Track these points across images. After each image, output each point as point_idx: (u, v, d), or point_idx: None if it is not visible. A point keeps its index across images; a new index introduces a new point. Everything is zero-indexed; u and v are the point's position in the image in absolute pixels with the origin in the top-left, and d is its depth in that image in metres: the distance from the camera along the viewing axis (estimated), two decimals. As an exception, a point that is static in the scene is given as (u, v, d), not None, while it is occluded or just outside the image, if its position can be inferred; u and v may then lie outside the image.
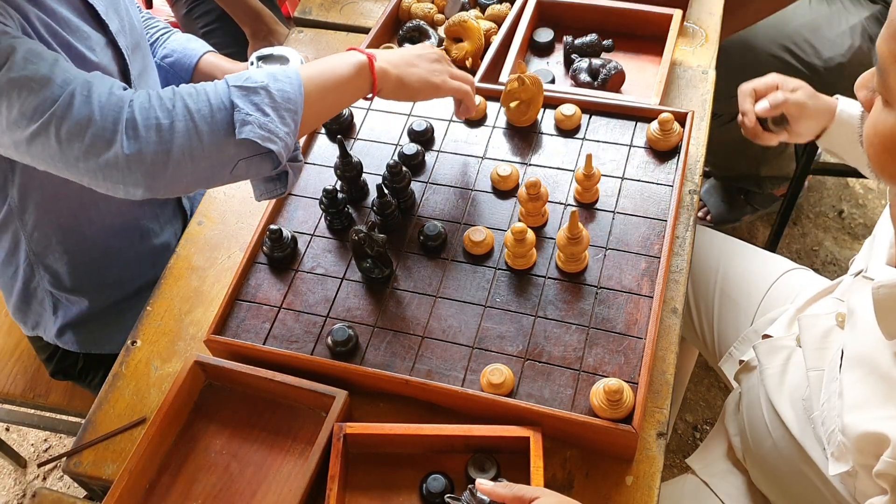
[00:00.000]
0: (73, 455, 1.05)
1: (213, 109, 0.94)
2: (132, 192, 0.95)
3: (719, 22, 1.45)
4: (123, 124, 0.91)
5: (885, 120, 0.73)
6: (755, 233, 2.23)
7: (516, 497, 0.85)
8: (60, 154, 0.93)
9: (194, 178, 0.96)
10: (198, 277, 1.20)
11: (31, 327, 1.38)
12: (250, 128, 0.94)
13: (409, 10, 1.45)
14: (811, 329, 1.03)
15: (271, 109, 0.96)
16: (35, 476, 1.97)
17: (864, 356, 0.86)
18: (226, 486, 0.99)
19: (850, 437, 0.85)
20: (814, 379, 1.00)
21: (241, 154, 0.96)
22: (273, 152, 0.97)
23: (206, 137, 0.94)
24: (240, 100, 0.95)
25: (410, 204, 1.17)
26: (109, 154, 0.91)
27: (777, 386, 1.08)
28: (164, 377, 1.11)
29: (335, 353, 1.04)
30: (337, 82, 1.04)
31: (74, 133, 0.91)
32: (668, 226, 1.10)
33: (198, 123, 0.93)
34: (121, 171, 0.92)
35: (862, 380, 0.85)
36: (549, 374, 1.00)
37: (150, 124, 0.92)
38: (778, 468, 1.09)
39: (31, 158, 0.96)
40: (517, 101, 1.22)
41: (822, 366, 1.00)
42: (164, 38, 1.42)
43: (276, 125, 0.96)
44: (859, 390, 0.85)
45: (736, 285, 1.37)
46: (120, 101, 0.93)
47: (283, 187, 1.03)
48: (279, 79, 0.98)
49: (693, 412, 1.93)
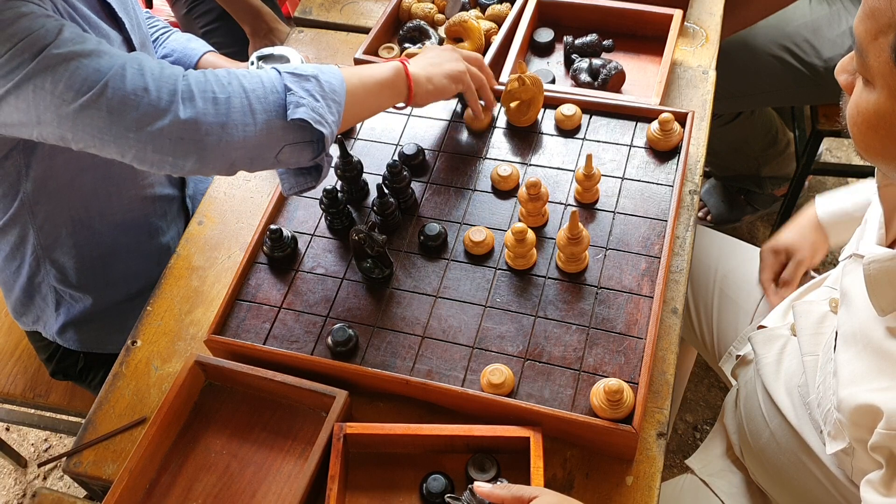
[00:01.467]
0: (74, 455, 1.05)
1: (267, 90, 0.97)
2: (180, 164, 0.95)
3: (720, 22, 1.45)
4: (180, 94, 0.93)
5: (867, 99, 0.74)
6: (755, 233, 2.23)
7: (515, 497, 0.85)
8: (110, 125, 0.93)
9: (243, 155, 0.98)
10: (198, 277, 1.20)
11: (32, 322, 1.38)
12: (304, 109, 0.96)
13: (410, 10, 1.45)
14: (806, 315, 1.05)
15: (321, 97, 0.99)
16: (35, 476, 1.97)
17: (857, 333, 0.87)
18: (226, 486, 0.99)
19: (845, 413, 0.86)
20: (809, 364, 1.01)
21: (288, 138, 0.98)
22: (319, 140, 1.00)
23: (259, 116, 0.96)
24: (293, 84, 0.98)
25: (410, 204, 1.17)
26: (164, 121, 0.92)
27: (773, 374, 1.08)
28: (164, 377, 1.11)
29: (335, 353, 1.04)
30: (376, 84, 1.08)
31: (128, 103, 0.92)
32: (669, 226, 1.10)
33: (252, 102, 0.96)
34: (173, 141, 0.93)
35: (856, 356, 0.86)
36: (550, 374, 1.00)
37: (207, 96, 0.94)
38: (776, 459, 1.10)
39: (74, 133, 0.95)
40: (517, 101, 1.22)
41: (817, 351, 1.01)
42: (163, 37, 1.42)
43: (326, 111, 0.99)
44: (854, 366, 0.86)
45: (735, 285, 1.37)
46: (174, 74, 0.95)
47: (314, 181, 1.05)
48: (325, 71, 1.01)
49: (693, 412, 1.93)
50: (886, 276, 0.81)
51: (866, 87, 0.75)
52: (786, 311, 1.18)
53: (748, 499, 1.20)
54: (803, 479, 1.06)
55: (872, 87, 0.74)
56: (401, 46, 1.40)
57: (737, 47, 1.77)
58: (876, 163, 0.80)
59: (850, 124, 0.78)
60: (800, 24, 1.76)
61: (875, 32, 0.70)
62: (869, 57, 0.72)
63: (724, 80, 1.60)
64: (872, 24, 0.71)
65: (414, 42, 1.40)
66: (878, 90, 0.73)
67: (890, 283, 0.81)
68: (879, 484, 0.82)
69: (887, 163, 0.79)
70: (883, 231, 0.90)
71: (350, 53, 1.42)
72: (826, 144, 2.36)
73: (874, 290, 0.82)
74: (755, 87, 1.81)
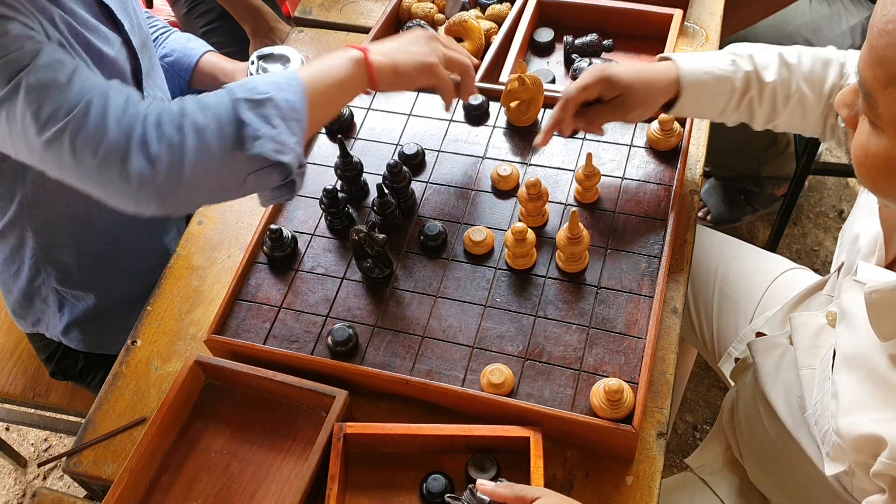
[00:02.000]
0: (74, 455, 1.05)
1: (222, 124, 0.93)
2: (144, 207, 0.94)
3: (719, 22, 1.45)
4: (137, 140, 0.91)
5: (876, 144, 0.73)
6: (755, 233, 2.23)
7: (517, 497, 0.85)
8: (74, 164, 0.92)
9: (206, 194, 0.96)
10: (198, 277, 1.20)
11: (32, 324, 1.38)
12: (261, 142, 0.93)
13: (410, 10, 1.45)
14: (803, 328, 1.04)
15: (280, 120, 0.95)
16: (35, 476, 1.97)
17: (858, 357, 0.86)
18: (226, 486, 0.99)
19: (846, 440, 0.85)
20: (806, 377, 1.00)
21: (251, 167, 0.95)
22: (284, 163, 0.96)
23: (216, 153, 0.93)
24: (247, 113, 0.94)
25: (410, 204, 1.17)
26: (122, 169, 0.91)
27: (772, 384, 1.08)
28: (164, 377, 1.11)
29: (335, 353, 1.04)
30: (337, 83, 1.03)
31: (88, 145, 0.91)
32: (669, 226, 1.10)
33: (208, 139, 0.93)
34: (133, 188, 0.92)
35: (858, 382, 0.85)
36: (550, 374, 1.00)
37: (163, 142, 0.92)
38: (775, 463, 1.09)
39: (44, 165, 0.95)
40: (517, 101, 1.22)
41: (814, 364, 1.00)
42: (163, 37, 1.42)
43: (286, 136, 0.95)
44: (856, 392, 0.85)
45: (735, 285, 1.37)
46: (134, 116, 0.93)
47: (289, 194, 1.02)
48: (283, 88, 0.97)
49: (693, 412, 1.93)
50: (889, 304, 0.80)
51: (874, 131, 0.73)
52: (784, 320, 1.17)
53: (747, 498, 1.20)
54: (802, 482, 1.06)
55: (881, 131, 0.72)
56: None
57: (737, 47, 1.76)
58: (881, 198, 0.79)
59: (857, 164, 0.76)
60: (800, 24, 1.75)
61: (885, 81, 0.68)
62: (878, 105, 0.70)
63: (724, 80, 1.60)
64: (881, 72, 0.68)
65: (414, 42, 1.40)
66: (888, 136, 0.71)
67: (892, 311, 0.80)
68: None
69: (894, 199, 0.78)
70: (883, 252, 0.89)
71: (350, 53, 1.42)
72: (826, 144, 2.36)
73: (876, 318, 0.81)
74: (755, 87, 1.81)
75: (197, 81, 1.42)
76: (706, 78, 1.07)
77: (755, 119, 1.10)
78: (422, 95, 1.30)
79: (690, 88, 1.07)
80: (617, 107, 1.09)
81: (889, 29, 0.67)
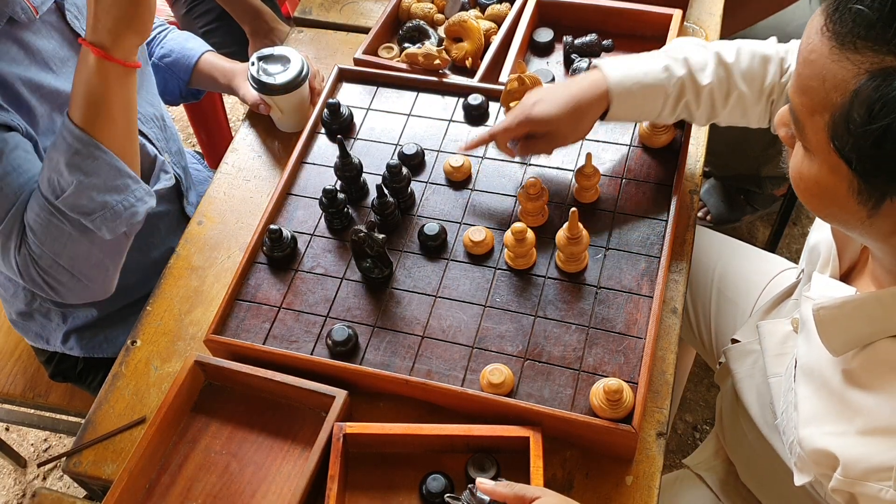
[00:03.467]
0: (73, 455, 1.05)
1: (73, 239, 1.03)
2: None
3: (719, 22, 1.45)
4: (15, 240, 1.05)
5: (808, 167, 0.73)
6: (755, 233, 2.23)
7: (517, 497, 0.85)
8: None
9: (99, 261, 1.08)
10: (198, 277, 1.20)
11: (33, 336, 1.39)
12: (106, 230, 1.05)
13: (409, 10, 1.45)
14: (770, 336, 1.03)
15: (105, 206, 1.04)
16: (35, 476, 1.97)
17: (814, 370, 0.85)
18: (226, 485, 0.99)
19: (806, 451, 0.85)
20: (774, 385, 1.00)
21: None
22: None
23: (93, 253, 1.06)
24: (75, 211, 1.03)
25: (410, 204, 1.17)
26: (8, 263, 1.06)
27: (747, 389, 1.08)
28: (164, 377, 1.11)
29: (335, 353, 1.04)
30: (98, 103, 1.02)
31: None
32: (668, 226, 1.10)
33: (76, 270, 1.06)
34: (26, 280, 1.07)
35: (814, 394, 0.85)
36: (549, 373, 1.00)
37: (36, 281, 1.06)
38: (756, 464, 1.10)
39: None
40: (517, 101, 1.21)
41: (781, 372, 1.00)
42: (161, 36, 1.41)
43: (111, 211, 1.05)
44: (813, 404, 0.84)
45: (733, 285, 1.37)
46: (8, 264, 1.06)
47: None
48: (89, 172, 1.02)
49: (693, 412, 1.93)
50: (835, 322, 0.79)
51: (806, 154, 0.73)
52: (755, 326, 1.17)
53: (739, 494, 1.20)
54: (781, 486, 1.06)
55: (812, 155, 0.72)
56: (400, 46, 1.40)
57: (736, 47, 1.77)
58: (820, 218, 0.79)
59: (794, 184, 0.76)
60: (800, 24, 1.75)
61: (810, 109, 0.68)
62: (806, 130, 0.70)
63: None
64: (807, 101, 0.68)
65: (413, 42, 1.40)
66: (818, 162, 0.71)
67: (839, 328, 0.79)
68: None
69: (833, 222, 0.78)
70: (837, 263, 0.89)
71: (350, 53, 1.42)
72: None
73: (825, 334, 0.80)
74: (755, 87, 1.81)
75: (196, 81, 1.42)
76: (636, 88, 1.05)
77: (695, 119, 1.10)
78: (421, 95, 1.30)
79: (620, 99, 1.06)
80: (549, 139, 1.10)
81: (812, 59, 0.67)
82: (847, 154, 0.66)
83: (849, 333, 0.79)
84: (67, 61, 1.12)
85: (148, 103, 1.28)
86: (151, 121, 1.27)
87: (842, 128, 0.65)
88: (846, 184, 0.69)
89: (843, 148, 0.66)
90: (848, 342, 0.79)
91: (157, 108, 1.31)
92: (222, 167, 1.33)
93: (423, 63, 1.30)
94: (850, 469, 0.77)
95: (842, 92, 0.65)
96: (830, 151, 0.68)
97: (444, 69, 1.31)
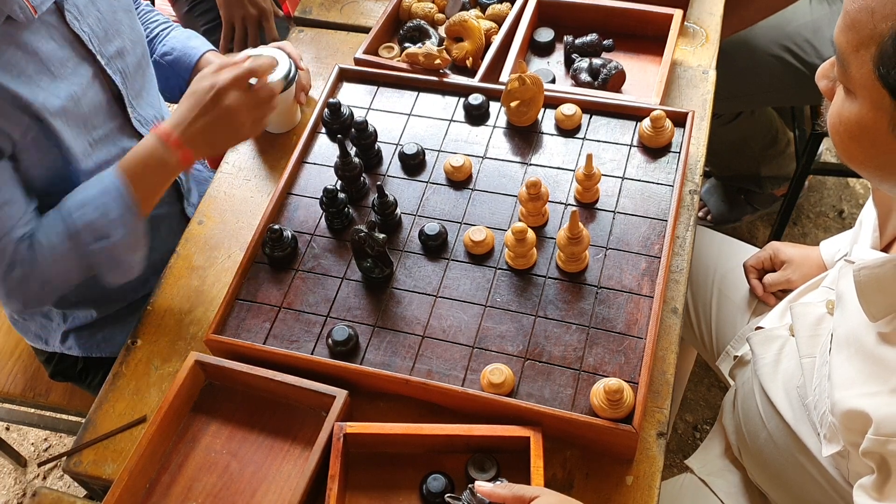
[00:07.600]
0: (74, 454, 1.05)
1: None
2: None
3: (720, 22, 1.45)
4: None
5: (848, 109, 0.74)
6: (755, 233, 2.23)
7: (516, 497, 0.85)
8: None
9: None
10: (198, 277, 1.20)
11: (32, 337, 1.39)
12: None
13: (410, 10, 1.45)
14: (803, 318, 1.04)
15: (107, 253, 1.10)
16: (35, 475, 1.97)
17: (850, 336, 0.87)
18: (226, 485, 0.99)
19: (837, 416, 0.86)
20: (807, 366, 1.01)
21: None
22: None
23: None
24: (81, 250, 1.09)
25: (375, 163, 1.21)
26: None
27: (771, 375, 1.09)
28: (164, 377, 1.11)
29: (335, 353, 1.04)
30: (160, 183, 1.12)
31: None
32: (669, 226, 1.10)
33: None
34: None
35: (848, 360, 0.86)
36: (550, 373, 1.00)
37: None
38: (773, 460, 1.10)
39: None
40: (517, 101, 1.22)
41: (815, 353, 1.01)
42: (164, 33, 1.41)
43: None
44: (846, 369, 0.86)
45: (734, 285, 1.37)
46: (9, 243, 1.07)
47: None
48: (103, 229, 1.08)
49: (693, 412, 1.93)
50: (876, 282, 0.81)
51: (848, 97, 0.74)
52: (783, 312, 1.18)
53: (747, 498, 1.20)
54: (801, 479, 1.06)
55: (854, 97, 0.73)
56: (401, 46, 1.40)
57: (737, 47, 1.77)
58: (858, 170, 0.80)
59: (832, 132, 0.78)
60: (800, 24, 1.75)
61: (857, 44, 0.70)
62: (851, 68, 0.72)
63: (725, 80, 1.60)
64: (854, 36, 0.70)
65: (414, 42, 1.40)
66: (859, 101, 0.73)
67: (880, 289, 0.81)
68: (871, 488, 0.82)
69: (869, 171, 0.79)
70: (878, 234, 0.90)
71: (350, 53, 1.42)
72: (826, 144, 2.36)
73: (865, 297, 0.82)
74: (755, 87, 1.81)
75: None
76: None
77: None
78: (422, 95, 1.30)
79: None
80: None
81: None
82: (893, 82, 0.68)
83: (889, 296, 0.80)
84: (66, 63, 1.12)
85: (149, 105, 1.28)
86: (152, 122, 1.27)
87: (889, 55, 0.67)
88: (887, 120, 0.71)
89: (889, 75, 0.68)
90: (887, 306, 0.81)
91: (157, 109, 1.31)
92: (223, 167, 1.33)
93: (424, 63, 1.30)
94: (883, 427, 0.78)
95: (892, 20, 0.67)
96: (874, 85, 0.70)
97: (444, 69, 1.31)
